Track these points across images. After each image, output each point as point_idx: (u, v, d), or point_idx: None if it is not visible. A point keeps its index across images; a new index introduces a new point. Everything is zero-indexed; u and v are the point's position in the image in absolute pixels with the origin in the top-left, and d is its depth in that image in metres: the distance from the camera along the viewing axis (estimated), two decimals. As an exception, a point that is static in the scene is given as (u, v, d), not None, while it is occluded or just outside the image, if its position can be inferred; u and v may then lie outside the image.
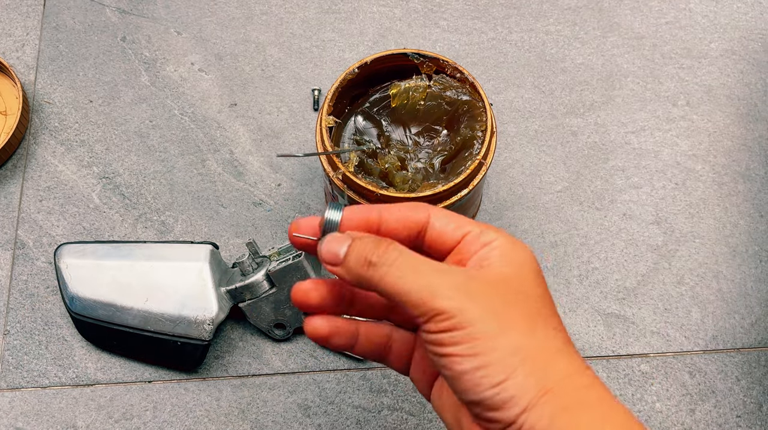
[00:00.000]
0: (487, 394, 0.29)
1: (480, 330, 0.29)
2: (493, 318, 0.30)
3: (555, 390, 0.29)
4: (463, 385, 0.29)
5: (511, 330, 0.30)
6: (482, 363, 0.29)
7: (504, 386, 0.29)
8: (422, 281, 0.30)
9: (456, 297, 0.29)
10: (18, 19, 0.71)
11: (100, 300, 0.55)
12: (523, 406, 0.29)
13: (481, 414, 0.30)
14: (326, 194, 0.61)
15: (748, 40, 0.71)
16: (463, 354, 0.29)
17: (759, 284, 0.61)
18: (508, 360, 0.29)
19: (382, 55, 0.52)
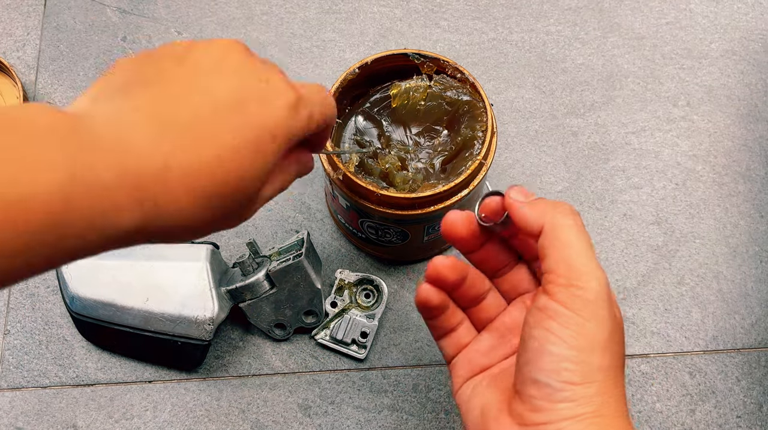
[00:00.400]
0: (556, 384, 0.30)
1: (593, 331, 0.30)
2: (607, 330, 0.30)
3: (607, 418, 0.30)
4: (544, 365, 0.30)
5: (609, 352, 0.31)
6: (573, 358, 0.30)
7: (575, 388, 0.30)
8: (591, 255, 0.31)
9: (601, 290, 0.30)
10: (19, 18, 0.71)
11: (101, 300, 0.55)
12: (575, 413, 0.29)
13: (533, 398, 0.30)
14: (326, 194, 0.61)
15: (749, 41, 0.71)
16: (564, 339, 0.30)
17: (759, 285, 0.61)
18: (593, 371, 0.30)
19: (383, 56, 0.52)
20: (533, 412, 0.30)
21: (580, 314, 0.30)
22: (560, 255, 0.31)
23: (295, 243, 0.56)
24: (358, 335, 0.57)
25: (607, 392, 0.30)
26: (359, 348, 0.57)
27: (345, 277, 0.58)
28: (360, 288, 0.58)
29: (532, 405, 0.30)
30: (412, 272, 0.61)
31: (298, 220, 0.62)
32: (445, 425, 0.56)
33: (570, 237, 0.31)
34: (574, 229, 0.32)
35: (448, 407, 0.56)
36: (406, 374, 0.57)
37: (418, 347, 0.58)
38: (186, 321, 0.54)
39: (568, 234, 0.31)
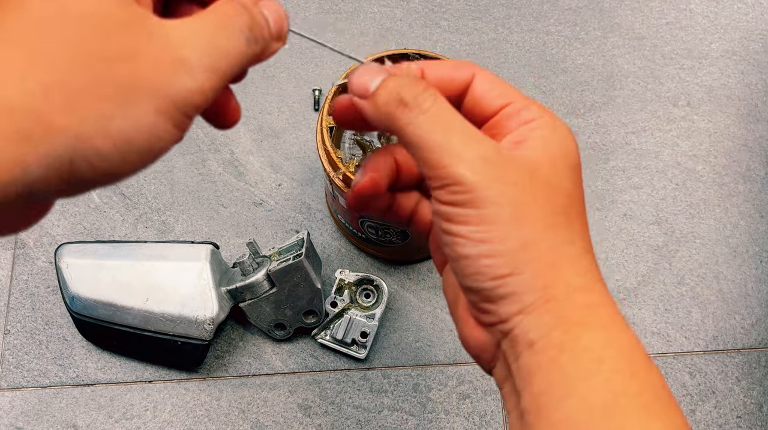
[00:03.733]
0: (486, 285, 0.26)
1: (494, 214, 0.26)
2: (511, 205, 0.26)
3: (560, 300, 0.26)
4: (464, 270, 0.27)
5: (528, 223, 0.26)
6: (488, 251, 0.26)
7: (506, 281, 0.26)
8: (450, 141, 0.26)
9: (480, 171, 0.26)
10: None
11: (101, 300, 0.55)
12: (521, 306, 0.26)
13: (476, 303, 0.27)
14: (327, 194, 0.61)
15: (749, 41, 0.71)
16: (469, 237, 0.26)
17: (759, 285, 0.61)
18: (518, 255, 0.26)
19: (383, 56, 0.52)
20: (483, 314, 0.28)
21: (471, 206, 0.26)
22: (419, 157, 0.27)
23: (295, 243, 0.56)
24: (358, 335, 0.56)
25: (547, 270, 0.26)
26: (359, 348, 0.57)
27: (345, 277, 0.58)
28: (360, 288, 0.58)
29: (479, 309, 0.28)
30: (412, 272, 0.61)
31: (298, 220, 0.62)
32: (445, 425, 0.56)
33: (420, 134, 0.26)
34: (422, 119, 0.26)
35: (448, 407, 0.56)
36: (406, 374, 0.57)
37: (418, 347, 0.58)
38: (186, 321, 0.53)
39: (416, 131, 0.27)
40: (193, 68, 0.23)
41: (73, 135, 0.21)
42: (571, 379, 0.25)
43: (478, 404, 0.56)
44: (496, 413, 0.56)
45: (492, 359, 0.29)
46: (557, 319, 0.26)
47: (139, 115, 0.22)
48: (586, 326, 0.26)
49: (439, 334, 0.59)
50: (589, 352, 0.25)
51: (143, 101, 0.22)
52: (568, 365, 0.25)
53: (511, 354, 0.27)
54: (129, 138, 0.22)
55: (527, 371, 0.26)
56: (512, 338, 0.27)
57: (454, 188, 0.26)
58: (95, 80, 0.22)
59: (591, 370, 0.25)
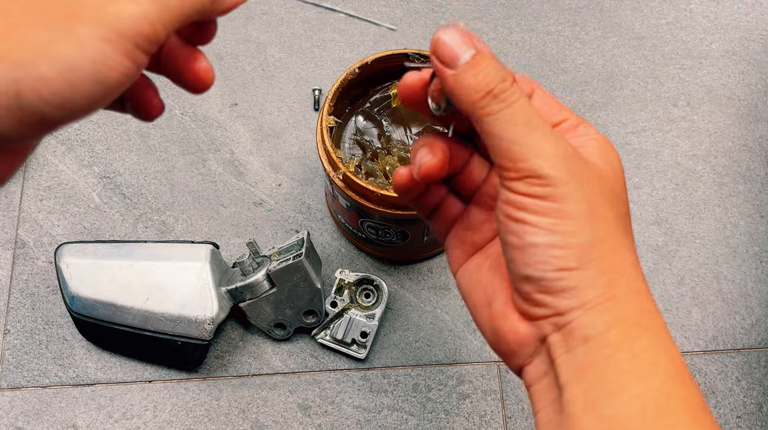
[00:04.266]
0: (549, 275, 0.26)
1: (571, 209, 0.26)
2: (586, 202, 0.27)
3: (620, 300, 0.26)
4: (528, 258, 0.27)
5: (600, 222, 0.27)
6: (560, 243, 0.26)
7: (572, 274, 0.26)
8: (532, 136, 0.27)
9: (560, 167, 0.26)
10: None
11: (101, 300, 0.55)
12: (581, 301, 0.26)
13: (530, 294, 0.27)
14: (326, 194, 0.61)
15: (749, 41, 0.71)
16: (543, 227, 0.26)
17: (759, 285, 0.61)
18: (587, 250, 0.26)
19: (383, 56, 0.52)
20: (536, 307, 0.27)
21: (548, 199, 0.26)
22: (497, 148, 0.27)
23: (295, 243, 0.56)
24: (358, 335, 0.57)
25: (611, 265, 0.27)
26: (359, 348, 0.57)
27: (345, 277, 0.58)
28: (360, 288, 0.58)
29: (533, 300, 0.27)
30: (412, 272, 0.61)
31: (298, 220, 0.62)
32: (445, 425, 0.56)
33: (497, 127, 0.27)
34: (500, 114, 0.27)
35: (448, 407, 0.56)
36: (406, 374, 0.57)
37: (418, 347, 0.58)
38: (186, 321, 0.54)
39: (494, 124, 0.27)
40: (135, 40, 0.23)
41: (13, 61, 0.21)
42: (626, 377, 0.25)
43: (478, 404, 0.56)
44: (496, 413, 0.56)
45: (530, 354, 0.29)
46: (616, 319, 0.26)
47: (81, 40, 0.22)
48: (643, 328, 0.27)
49: (439, 334, 0.59)
50: (646, 354, 0.26)
51: (84, 27, 0.22)
52: (625, 363, 0.26)
53: (561, 348, 0.27)
54: (73, 63, 0.22)
55: (579, 366, 0.26)
56: (566, 332, 0.27)
57: (534, 181, 0.26)
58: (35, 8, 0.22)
59: (647, 371, 0.26)
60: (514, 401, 0.56)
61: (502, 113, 0.27)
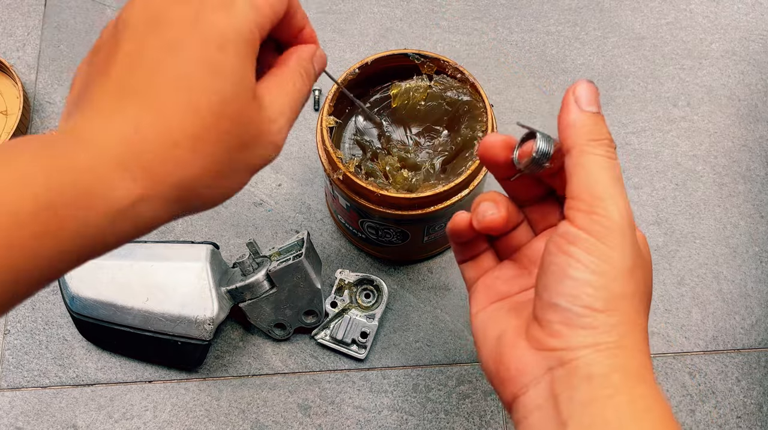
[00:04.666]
0: (577, 309, 0.29)
1: (616, 258, 0.29)
2: (631, 260, 0.29)
3: (628, 351, 0.29)
4: (562, 289, 0.29)
5: (635, 280, 0.30)
6: (595, 283, 0.29)
7: (596, 316, 0.28)
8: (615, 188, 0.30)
9: (625, 221, 0.29)
10: (19, 18, 0.71)
11: (101, 300, 0.55)
12: (595, 342, 0.28)
13: (552, 323, 0.29)
14: (326, 194, 0.61)
15: (749, 41, 0.71)
16: (586, 264, 0.29)
17: (759, 285, 0.61)
18: (616, 299, 0.29)
19: (383, 56, 0.52)
20: (551, 337, 0.29)
21: (602, 241, 0.29)
22: (582, 181, 0.30)
23: (295, 243, 0.56)
24: (358, 335, 0.57)
25: (630, 322, 0.29)
26: (359, 348, 0.57)
27: (345, 277, 0.58)
28: (360, 288, 0.58)
29: (551, 330, 0.29)
30: (412, 272, 0.61)
31: (298, 220, 0.62)
32: (445, 425, 0.56)
33: (594, 165, 0.30)
34: (601, 158, 0.30)
35: (448, 407, 0.56)
36: (406, 374, 0.57)
37: (418, 347, 0.58)
38: (186, 321, 0.54)
39: (593, 162, 0.30)
40: (280, 147, 0.31)
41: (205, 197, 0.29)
42: (625, 418, 0.27)
43: (478, 404, 0.56)
44: (496, 413, 0.56)
45: (527, 383, 0.30)
46: (620, 365, 0.28)
47: (243, 180, 0.30)
48: (641, 379, 0.29)
49: (439, 334, 0.59)
50: (642, 400, 0.28)
51: (249, 172, 0.30)
52: (624, 405, 0.28)
53: (564, 383, 0.29)
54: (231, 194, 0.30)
55: (580, 402, 0.28)
56: (570, 368, 0.29)
57: (599, 219, 0.29)
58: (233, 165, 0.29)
59: (643, 415, 0.28)
60: (514, 401, 0.56)
61: (603, 160, 0.30)
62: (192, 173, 0.27)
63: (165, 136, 0.26)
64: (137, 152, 0.26)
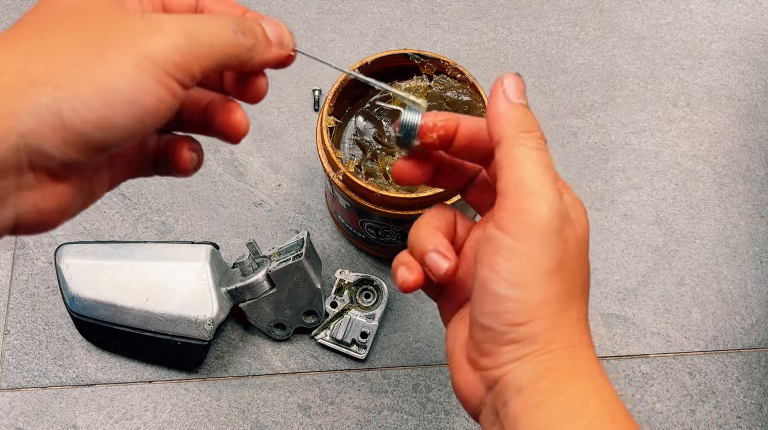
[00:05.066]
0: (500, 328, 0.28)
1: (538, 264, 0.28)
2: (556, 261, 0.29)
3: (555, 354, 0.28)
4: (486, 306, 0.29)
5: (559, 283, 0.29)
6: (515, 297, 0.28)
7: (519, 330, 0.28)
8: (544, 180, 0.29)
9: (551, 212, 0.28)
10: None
11: (101, 300, 0.55)
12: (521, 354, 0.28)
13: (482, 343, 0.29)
14: (326, 194, 0.61)
15: (749, 41, 0.71)
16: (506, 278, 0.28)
17: (759, 285, 0.61)
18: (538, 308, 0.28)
19: (383, 56, 0.52)
20: (482, 356, 0.30)
21: (525, 243, 0.28)
22: (513, 175, 0.29)
23: (295, 243, 0.56)
24: (358, 335, 0.56)
25: (554, 326, 0.29)
26: (359, 348, 0.57)
27: (345, 277, 0.58)
28: (360, 288, 0.58)
29: (481, 350, 0.30)
30: (412, 272, 0.61)
31: (298, 220, 0.62)
32: (445, 425, 0.56)
33: (524, 157, 0.29)
34: (531, 150, 0.29)
35: (448, 407, 0.56)
36: (406, 374, 0.57)
37: (418, 347, 0.58)
38: (186, 321, 0.53)
39: (523, 154, 0.29)
40: (167, 31, 0.26)
41: (54, 84, 0.24)
42: (556, 421, 0.27)
43: (478, 404, 0.56)
44: None
45: (479, 405, 0.31)
46: (547, 370, 0.28)
47: (117, 67, 0.24)
48: (575, 376, 0.28)
49: (439, 334, 0.59)
50: (576, 399, 0.28)
51: (120, 56, 0.25)
52: (555, 409, 0.27)
53: (500, 400, 0.29)
54: (110, 86, 0.24)
55: (514, 415, 0.28)
56: (502, 384, 0.29)
57: (525, 217, 0.28)
58: (75, 42, 0.25)
59: (576, 414, 0.27)
60: (514, 402, 0.56)
61: (533, 152, 0.29)
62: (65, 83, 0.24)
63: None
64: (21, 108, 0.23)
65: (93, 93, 0.24)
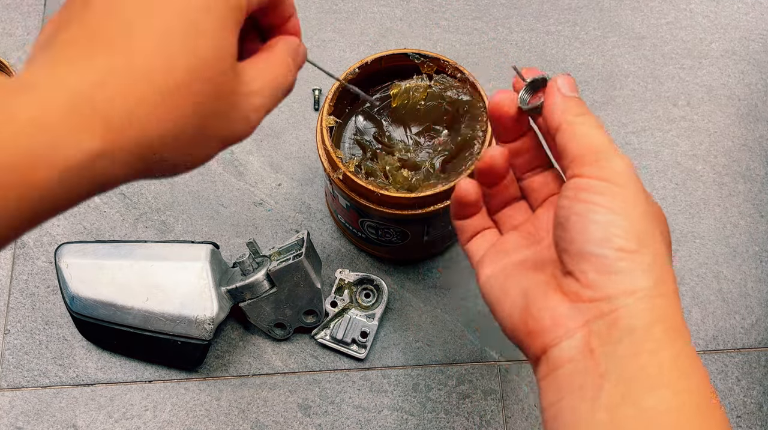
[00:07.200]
0: (610, 253, 0.28)
1: (632, 197, 0.29)
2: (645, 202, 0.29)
3: (668, 299, 0.28)
4: (590, 235, 0.28)
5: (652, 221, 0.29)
6: (622, 224, 0.28)
7: (632, 256, 0.28)
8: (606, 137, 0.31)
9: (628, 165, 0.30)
10: (18, 18, 0.71)
11: (101, 300, 0.55)
12: (634, 288, 0.28)
13: (586, 273, 0.29)
14: (326, 194, 0.61)
15: (749, 41, 0.71)
16: (607, 206, 0.28)
17: (759, 285, 0.61)
18: (644, 237, 0.28)
19: (383, 55, 0.52)
20: (588, 288, 0.28)
21: (616, 183, 0.29)
22: (582, 141, 0.31)
23: (295, 243, 0.56)
24: (358, 334, 0.57)
25: (662, 264, 0.29)
26: (359, 348, 0.57)
27: (345, 277, 0.58)
28: (360, 288, 0.58)
29: (586, 280, 0.28)
30: (412, 272, 0.61)
31: (298, 220, 0.62)
32: (445, 425, 0.56)
33: (588, 127, 0.31)
34: (593, 124, 0.31)
35: (448, 407, 0.56)
36: (406, 374, 0.57)
37: (418, 347, 0.58)
38: (186, 321, 0.54)
39: (587, 124, 0.31)
40: (253, 125, 0.30)
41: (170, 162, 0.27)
42: (668, 373, 0.27)
43: (478, 404, 0.56)
44: (496, 413, 0.56)
45: (560, 336, 0.29)
46: (661, 316, 0.28)
47: (211, 151, 0.29)
48: (681, 333, 0.28)
49: (439, 334, 0.59)
50: (683, 358, 0.27)
51: (218, 143, 0.29)
52: (667, 361, 0.27)
53: (603, 336, 0.28)
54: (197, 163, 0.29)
55: (623, 355, 0.27)
56: (611, 320, 0.28)
57: (606, 164, 0.29)
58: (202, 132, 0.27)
59: (686, 372, 0.27)
60: (514, 401, 0.56)
61: (595, 123, 0.31)
62: (158, 132, 0.25)
63: (133, 88, 0.24)
64: (97, 102, 0.23)
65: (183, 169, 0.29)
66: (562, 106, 0.32)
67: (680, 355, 0.27)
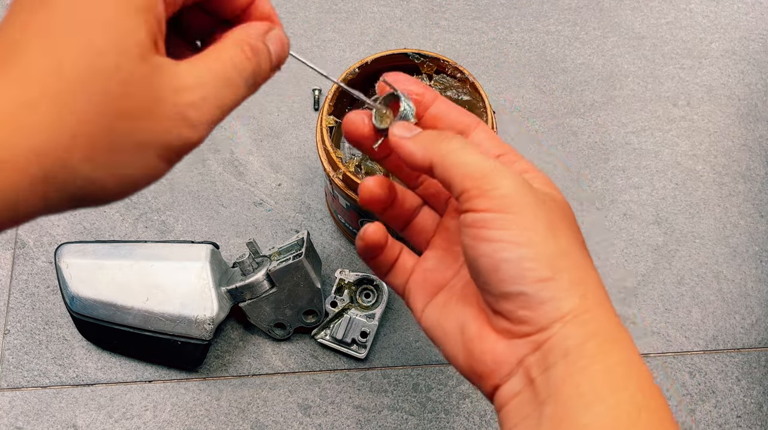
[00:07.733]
0: (529, 289, 0.27)
1: (532, 222, 0.28)
2: (546, 218, 0.28)
3: (594, 313, 0.28)
4: (503, 275, 0.28)
5: (562, 236, 0.29)
6: (531, 255, 0.27)
7: (549, 285, 0.27)
8: (488, 161, 0.29)
9: (518, 184, 0.29)
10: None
11: (101, 300, 0.55)
12: (561, 313, 0.27)
13: (512, 312, 0.28)
14: (326, 194, 0.61)
15: (749, 41, 0.71)
16: (511, 241, 0.28)
17: (759, 285, 0.61)
18: (557, 260, 0.28)
19: (383, 55, 0.52)
20: (519, 325, 0.28)
21: (510, 211, 0.28)
22: (460, 174, 0.29)
23: (295, 243, 0.56)
24: (358, 334, 0.57)
25: (581, 281, 0.28)
26: (359, 348, 0.57)
27: (345, 277, 0.58)
28: (360, 288, 0.58)
29: (516, 317, 0.28)
30: (412, 272, 0.61)
31: (298, 220, 0.62)
32: (445, 425, 0.56)
33: (461, 157, 0.29)
34: (462, 149, 0.30)
35: (448, 407, 0.56)
36: (406, 374, 0.57)
37: (418, 347, 0.58)
38: (186, 321, 0.54)
39: (458, 156, 0.29)
40: (196, 125, 0.26)
41: (88, 178, 0.24)
42: (601, 388, 0.26)
43: (478, 403, 0.56)
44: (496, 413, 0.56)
45: (507, 374, 0.29)
46: (592, 332, 0.27)
47: (145, 162, 0.25)
48: (615, 343, 0.28)
49: (439, 334, 0.59)
50: (618, 367, 0.27)
51: (151, 152, 0.25)
52: (599, 375, 0.27)
53: (540, 366, 0.28)
54: (133, 180, 0.25)
55: (558, 379, 0.27)
56: (546, 349, 0.28)
57: (495, 193, 0.28)
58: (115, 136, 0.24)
59: (620, 384, 0.27)
60: (514, 401, 0.56)
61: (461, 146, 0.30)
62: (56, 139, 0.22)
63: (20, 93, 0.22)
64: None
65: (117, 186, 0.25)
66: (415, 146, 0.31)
67: (615, 366, 0.27)
